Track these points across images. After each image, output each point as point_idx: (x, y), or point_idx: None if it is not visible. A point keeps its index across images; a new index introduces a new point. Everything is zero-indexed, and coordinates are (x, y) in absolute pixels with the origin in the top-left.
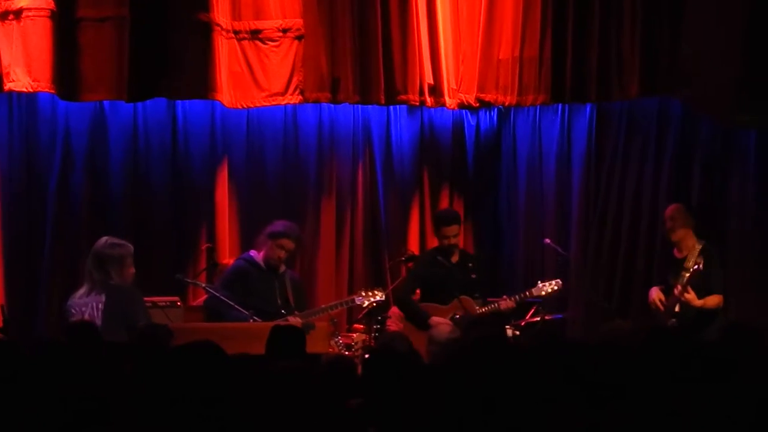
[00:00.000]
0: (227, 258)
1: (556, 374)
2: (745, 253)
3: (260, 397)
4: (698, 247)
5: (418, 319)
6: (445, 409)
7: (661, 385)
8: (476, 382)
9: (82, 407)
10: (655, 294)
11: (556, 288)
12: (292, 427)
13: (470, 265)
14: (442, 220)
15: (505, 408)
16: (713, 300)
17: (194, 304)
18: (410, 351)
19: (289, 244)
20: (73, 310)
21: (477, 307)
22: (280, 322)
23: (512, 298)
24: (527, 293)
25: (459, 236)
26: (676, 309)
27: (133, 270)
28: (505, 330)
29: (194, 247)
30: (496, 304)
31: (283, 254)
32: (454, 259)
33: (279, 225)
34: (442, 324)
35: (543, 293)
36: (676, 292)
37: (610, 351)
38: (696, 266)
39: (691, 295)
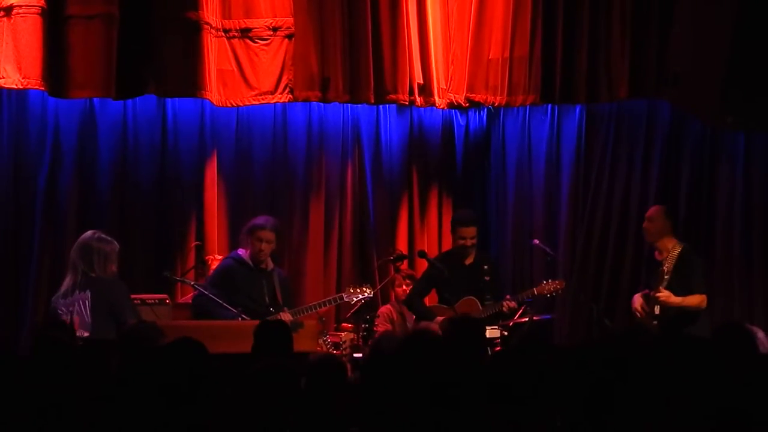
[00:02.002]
0: (211, 254)
1: (536, 376)
2: (731, 253)
3: (242, 395)
4: (677, 249)
5: (424, 319)
6: (429, 408)
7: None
8: (449, 381)
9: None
10: (638, 302)
11: (558, 287)
12: (274, 425)
13: (485, 267)
14: (460, 222)
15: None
16: (694, 299)
17: (182, 301)
18: (400, 350)
19: (267, 234)
20: (60, 310)
21: (480, 308)
22: (271, 318)
23: (514, 299)
24: (530, 292)
25: (475, 238)
26: (656, 311)
27: (115, 269)
28: (482, 331)
29: (183, 245)
30: (498, 306)
31: (264, 246)
32: (469, 261)
33: (255, 219)
34: (430, 324)
35: (545, 292)
36: (651, 293)
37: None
38: (665, 269)
39: (664, 294)
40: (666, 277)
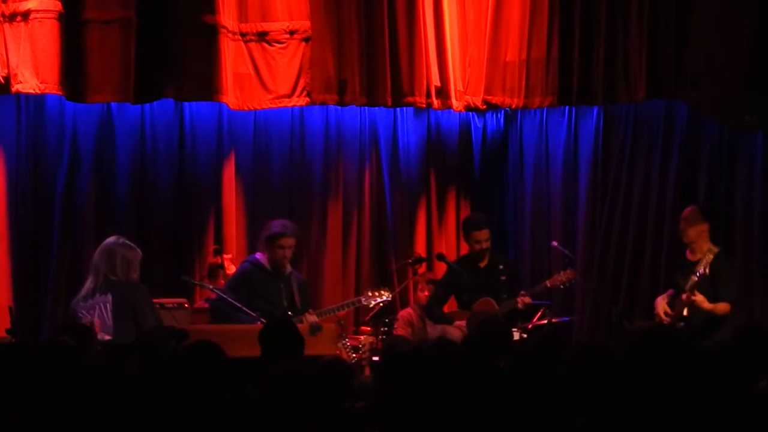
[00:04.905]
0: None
1: (556, 376)
2: (750, 255)
3: (259, 397)
4: (713, 251)
5: (444, 324)
6: (447, 409)
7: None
8: (480, 381)
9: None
10: (661, 307)
11: (569, 277)
12: (291, 427)
13: (500, 267)
14: (472, 225)
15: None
16: (722, 307)
17: (199, 304)
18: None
19: (288, 241)
20: (80, 313)
21: (497, 307)
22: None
23: (528, 293)
24: (543, 285)
25: (489, 240)
26: (685, 313)
27: (136, 276)
28: (510, 331)
29: (201, 249)
30: (513, 302)
31: (286, 253)
32: (483, 263)
33: (275, 226)
34: (447, 327)
35: (558, 284)
36: (683, 297)
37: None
38: (702, 272)
39: (700, 298)
40: (695, 278)
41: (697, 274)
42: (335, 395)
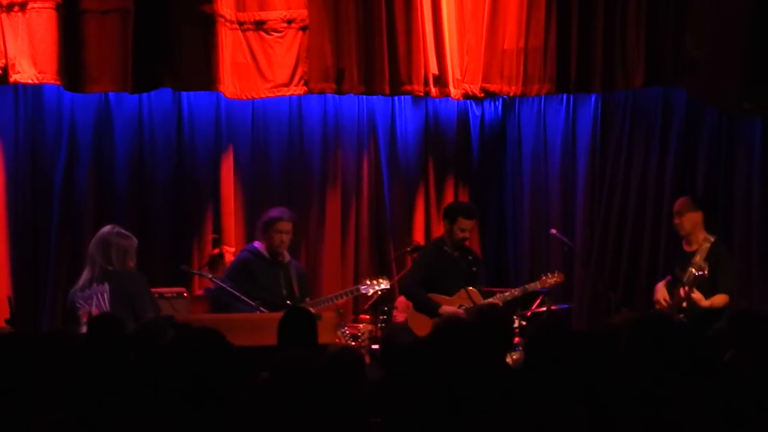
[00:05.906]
0: (223, 246)
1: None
2: (749, 243)
3: (266, 386)
4: (709, 241)
5: (427, 308)
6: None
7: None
8: (483, 371)
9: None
10: (660, 293)
11: (558, 280)
12: (297, 416)
13: (470, 258)
14: (464, 212)
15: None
16: (720, 299)
17: (196, 294)
18: (414, 341)
19: (284, 225)
20: (78, 303)
21: (482, 299)
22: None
23: (516, 290)
24: (529, 286)
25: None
26: (684, 305)
27: (133, 264)
28: (512, 319)
29: (200, 239)
30: (506, 294)
31: (283, 238)
32: (457, 252)
33: (271, 212)
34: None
35: (546, 287)
36: (681, 293)
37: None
38: (700, 273)
39: (697, 295)
40: (693, 270)
41: (697, 274)
42: (347, 385)
